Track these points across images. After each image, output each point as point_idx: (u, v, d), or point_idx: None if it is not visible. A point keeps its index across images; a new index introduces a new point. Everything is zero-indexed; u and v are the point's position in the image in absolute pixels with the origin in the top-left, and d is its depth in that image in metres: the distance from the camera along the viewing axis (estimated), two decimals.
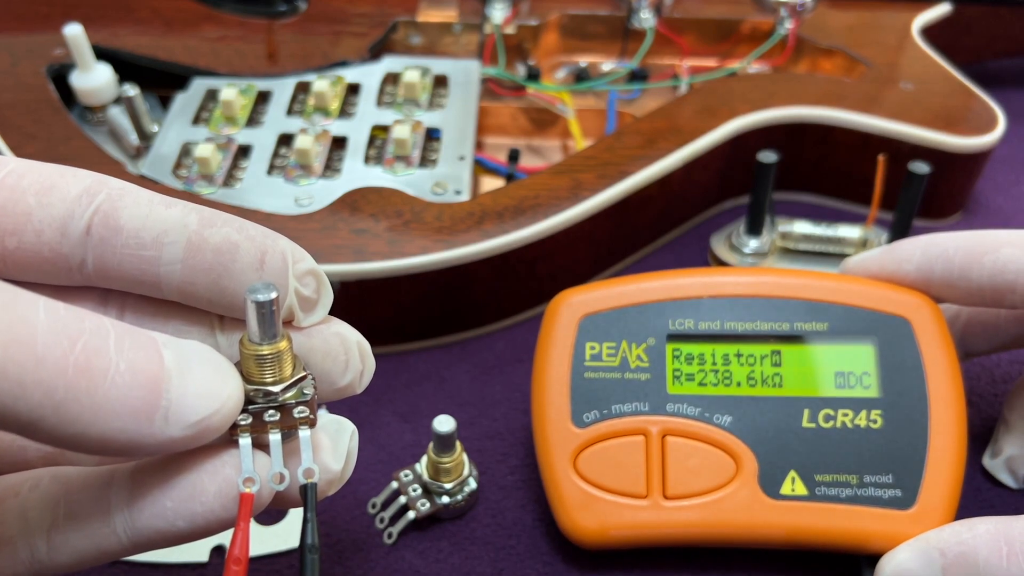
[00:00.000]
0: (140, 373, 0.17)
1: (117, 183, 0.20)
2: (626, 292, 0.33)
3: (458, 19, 0.52)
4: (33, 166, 0.20)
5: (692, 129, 0.43)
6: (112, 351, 0.17)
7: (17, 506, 0.21)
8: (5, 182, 0.20)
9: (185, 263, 0.20)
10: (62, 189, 0.20)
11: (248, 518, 0.19)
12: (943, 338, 0.32)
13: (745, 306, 0.33)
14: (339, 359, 0.21)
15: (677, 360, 0.32)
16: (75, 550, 0.20)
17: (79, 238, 0.20)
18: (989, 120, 0.44)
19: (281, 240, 0.20)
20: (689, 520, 0.30)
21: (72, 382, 0.16)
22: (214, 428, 0.18)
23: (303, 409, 0.20)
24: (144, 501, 0.20)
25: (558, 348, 0.33)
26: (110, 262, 0.20)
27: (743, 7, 0.53)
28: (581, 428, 0.31)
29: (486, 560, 0.32)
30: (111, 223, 0.19)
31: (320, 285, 0.21)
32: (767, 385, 0.32)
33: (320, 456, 0.21)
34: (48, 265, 0.20)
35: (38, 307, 0.16)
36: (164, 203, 0.20)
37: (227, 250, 0.20)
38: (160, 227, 0.19)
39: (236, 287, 0.20)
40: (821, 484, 0.30)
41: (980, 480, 0.35)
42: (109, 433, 0.17)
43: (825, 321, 0.32)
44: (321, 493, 0.21)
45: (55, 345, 0.16)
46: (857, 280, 0.33)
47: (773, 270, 0.35)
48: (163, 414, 0.17)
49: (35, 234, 0.20)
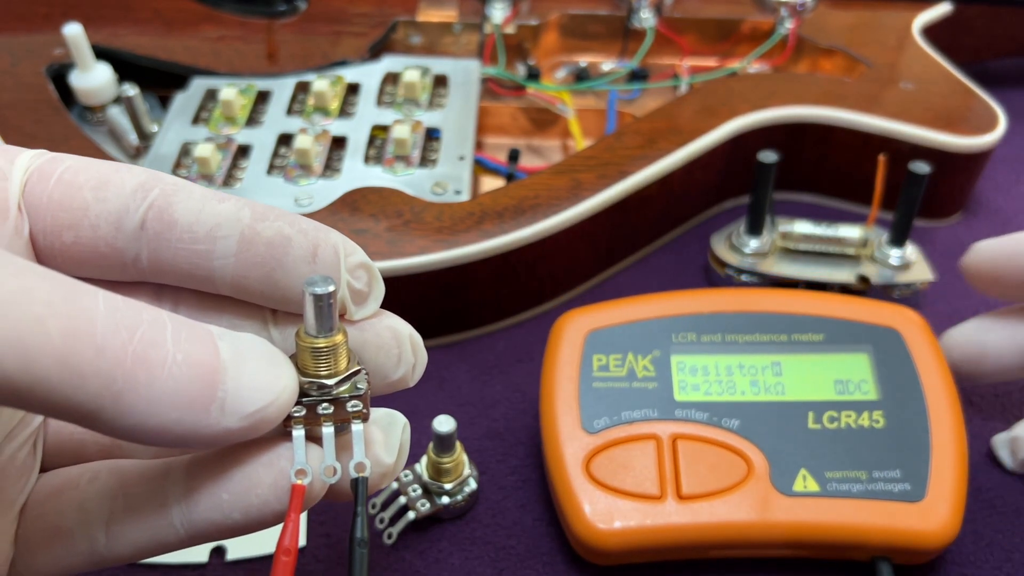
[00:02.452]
0: (197, 364, 0.17)
1: (171, 179, 0.20)
2: (629, 310, 0.35)
3: (458, 19, 0.52)
4: (89, 162, 0.20)
5: (692, 129, 0.43)
6: (170, 342, 0.17)
7: (76, 498, 0.21)
8: (63, 177, 0.20)
9: (238, 257, 0.20)
10: (117, 184, 0.20)
11: (299, 510, 0.19)
12: (932, 345, 0.34)
13: (744, 320, 0.34)
14: (392, 353, 0.21)
15: (682, 372, 0.33)
16: (133, 542, 0.20)
17: (134, 232, 0.20)
18: (989, 120, 0.44)
19: (333, 234, 0.20)
20: (706, 519, 0.30)
21: (130, 373, 0.16)
22: (269, 419, 0.19)
23: (356, 403, 0.20)
24: (200, 494, 0.20)
25: (566, 360, 0.33)
26: (164, 256, 0.20)
27: (743, 7, 0.53)
28: (592, 434, 0.32)
29: (486, 560, 0.32)
30: (165, 218, 0.19)
31: (372, 278, 0.21)
32: (771, 393, 0.33)
33: (373, 450, 0.21)
34: (104, 260, 0.20)
35: (98, 299, 0.17)
36: (217, 198, 0.20)
37: (279, 244, 0.20)
38: (213, 221, 0.19)
39: (289, 281, 0.20)
40: (832, 480, 0.31)
41: (981, 480, 0.35)
42: (166, 424, 0.17)
43: (821, 333, 0.34)
44: (374, 486, 0.21)
45: (114, 336, 0.16)
46: (846, 297, 0.35)
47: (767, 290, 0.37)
48: (219, 405, 0.18)
49: (91, 229, 0.20)
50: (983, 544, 0.33)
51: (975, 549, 0.33)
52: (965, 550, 0.33)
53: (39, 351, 0.15)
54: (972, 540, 0.33)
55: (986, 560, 0.32)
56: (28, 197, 0.20)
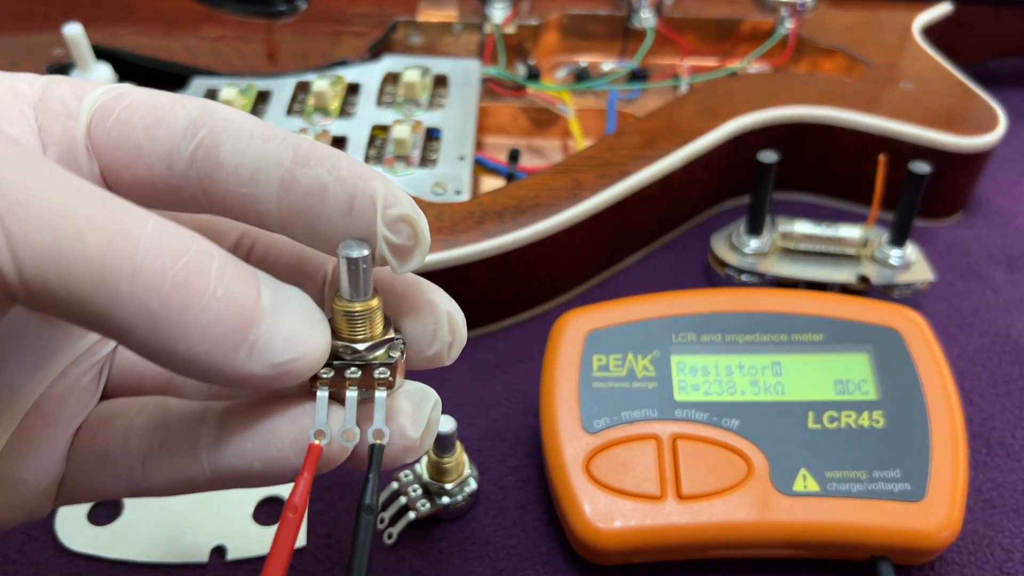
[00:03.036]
0: (235, 303, 0.17)
1: (223, 113, 0.20)
2: (629, 310, 0.35)
3: (458, 19, 0.52)
4: (148, 98, 0.20)
5: (692, 129, 0.43)
6: (213, 276, 0.17)
7: (123, 428, 0.22)
8: (120, 115, 0.20)
9: (280, 204, 0.19)
10: (169, 122, 0.20)
11: (313, 469, 0.19)
12: (932, 345, 0.34)
13: (744, 320, 0.34)
14: (428, 328, 0.21)
15: (682, 372, 0.33)
16: (166, 477, 0.21)
17: (184, 173, 0.19)
18: (990, 120, 0.44)
19: (375, 181, 0.19)
20: (706, 519, 0.30)
21: (167, 298, 0.16)
22: (295, 373, 0.19)
23: (384, 370, 0.20)
24: (228, 440, 0.20)
25: (566, 360, 0.33)
26: (216, 197, 0.20)
27: (743, 7, 0.53)
28: (592, 434, 0.32)
29: (486, 560, 0.32)
30: (212, 158, 0.19)
31: (416, 231, 0.19)
32: (771, 393, 0.33)
33: (398, 421, 0.21)
34: (165, 197, 0.20)
35: (147, 223, 0.17)
36: (264, 136, 0.19)
37: (317, 192, 0.19)
38: (256, 164, 0.19)
39: (329, 232, 0.19)
40: (832, 480, 0.31)
41: (981, 480, 0.35)
42: (194, 355, 0.17)
43: (821, 333, 0.34)
44: (397, 459, 0.21)
45: (155, 260, 0.16)
46: (846, 297, 0.35)
47: (767, 290, 0.37)
48: (248, 348, 0.18)
49: (146, 168, 0.20)
50: (983, 544, 0.33)
51: (975, 549, 0.33)
52: (965, 550, 0.33)
53: (76, 264, 0.16)
54: (972, 540, 0.33)
55: (986, 560, 0.32)
56: (92, 136, 0.20)
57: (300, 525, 0.19)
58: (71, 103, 0.20)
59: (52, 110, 0.20)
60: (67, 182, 0.16)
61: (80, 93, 0.20)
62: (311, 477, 0.19)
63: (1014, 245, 0.45)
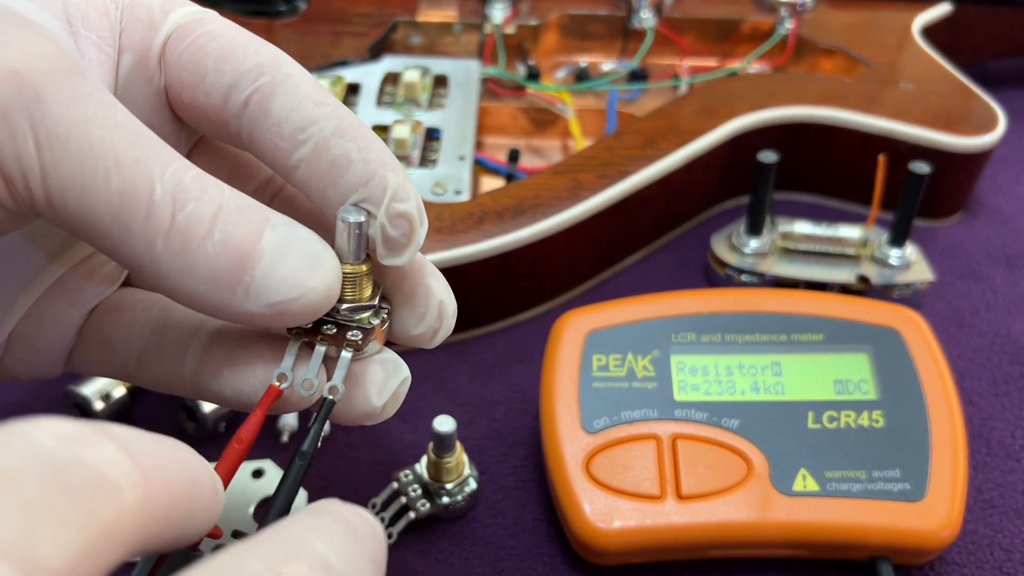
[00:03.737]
0: (231, 247, 0.19)
1: (287, 68, 0.21)
2: (629, 310, 0.35)
3: (458, 19, 0.52)
4: (224, 31, 0.22)
5: (692, 129, 0.43)
6: (214, 221, 0.18)
7: (129, 319, 0.24)
8: (196, 40, 0.21)
9: (308, 164, 0.21)
10: (238, 60, 0.21)
11: (265, 408, 0.21)
12: (932, 345, 0.34)
13: (744, 320, 0.34)
14: (418, 309, 0.22)
15: (682, 372, 0.33)
16: (153, 376, 0.23)
17: (237, 110, 0.21)
18: (989, 120, 0.44)
19: (393, 174, 0.21)
20: (705, 519, 0.30)
21: (169, 241, 0.18)
22: (292, 313, 0.19)
23: (356, 333, 0.21)
24: (209, 361, 0.22)
25: (566, 360, 0.33)
26: (257, 140, 0.21)
27: (743, 7, 0.53)
28: (592, 434, 0.32)
29: (486, 560, 0.32)
30: (264, 106, 0.21)
31: (411, 231, 0.21)
32: (770, 393, 0.33)
33: (366, 386, 0.22)
34: (212, 125, 0.22)
35: (167, 169, 0.18)
36: (315, 102, 0.21)
37: (341, 164, 0.20)
38: (299, 124, 0.20)
39: (337, 201, 0.21)
40: (832, 480, 0.31)
41: (982, 479, 0.35)
42: (194, 294, 0.19)
43: (820, 333, 0.34)
44: (355, 421, 0.22)
45: (164, 205, 0.18)
46: (846, 297, 0.35)
47: (767, 290, 0.37)
48: (244, 289, 0.19)
49: (204, 95, 0.21)
50: (983, 544, 0.33)
51: (975, 549, 0.33)
52: (965, 550, 0.33)
53: (97, 199, 0.18)
54: (972, 540, 0.33)
55: (986, 560, 0.32)
56: (166, 51, 0.22)
57: (243, 456, 0.20)
58: (156, 14, 0.22)
59: (137, 16, 0.22)
60: (107, 118, 0.18)
61: (168, 7, 0.22)
62: (262, 415, 0.21)
63: (1014, 245, 0.45)
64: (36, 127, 0.17)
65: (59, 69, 0.18)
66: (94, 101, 0.18)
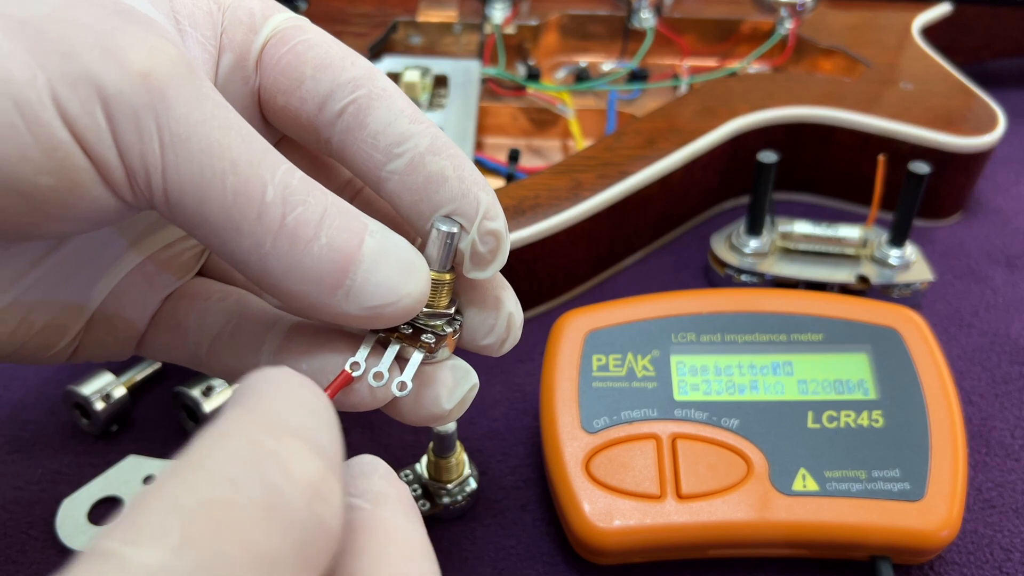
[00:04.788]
0: (336, 251, 0.19)
1: (383, 83, 0.22)
2: (629, 310, 0.35)
3: (458, 19, 0.52)
4: (323, 41, 0.23)
5: (692, 129, 0.43)
6: (320, 225, 0.19)
7: (203, 307, 0.25)
8: (296, 47, 0.22)
9: (401, 177, 0.21)
10: (336, 70, 0.22)
11: (335, 391, 0.21)
12: (931, 345, 0.34)
13: (744, 320, 0.34)
14: (487, 320, 0.23)
15: (681, 372, 0.33)
16: (224, 363, 0.24)
17: (331, 118, 0.22)
18: (989, 120, 0.44)
19: (484, 194, 0.21)
20: (705, 519, 0.30)
21: (277, 242, 0.19)
22: (387, 317, 0.20)
23: (430, 337, 0.22)
24: (287, 354, 0.23)
25: (566, 360, 0.33)
26: (348, 149, 0.22)
27: (743, 7, 0.53)
28: (592, 433, 0.32)
29: (486, 560, 0.32)
30: (360, 117, 0.22)
31: (498, 248, 0.22)
32: (770, 392, 0.33)
33: (435, 389, 0.23)
34: (303, 131, 0.23)
35: (277, 171, 0.19)
36: (410, 118, 0.22)
37: (436, 180, 0.21)
38: (395, 138, 0.21)
39: (430, 214, 0.21)
40: (831, 480, 0.31)
41: (982, 479, 0.35)
42: (296, 293, 0.20)
43: (820, 333, 0.34)
44: (423, 421, 0.23)
45: (275, 207, 0.19)
46: (846, 297, 0.35)
47: (767, 290, 0.37)
48: (345, 291, 0.20)
49: (299, 101, 0.22)
50: (982, 544, 0.33)
51: (974, 549, 0.33)
52: (964, 550, 0.33)
53: (212, 198, 0.18)
54: (971, 540, 0.33)
55: (986, 560, 0.32)
56: (264, 55, 0.23)
57: None
58: (257, 18, 0.23)
59: (239, 19, 0.22)
60: (223, 120, 0.19)
61: (267, 12, 0.23)
62: (331, 396, 0.21)
63: (1013, 245, 0.45)
64: (162, 127, 0.18)
65: (182, 71, 0.18)
66: (211, 103, 0.19)
